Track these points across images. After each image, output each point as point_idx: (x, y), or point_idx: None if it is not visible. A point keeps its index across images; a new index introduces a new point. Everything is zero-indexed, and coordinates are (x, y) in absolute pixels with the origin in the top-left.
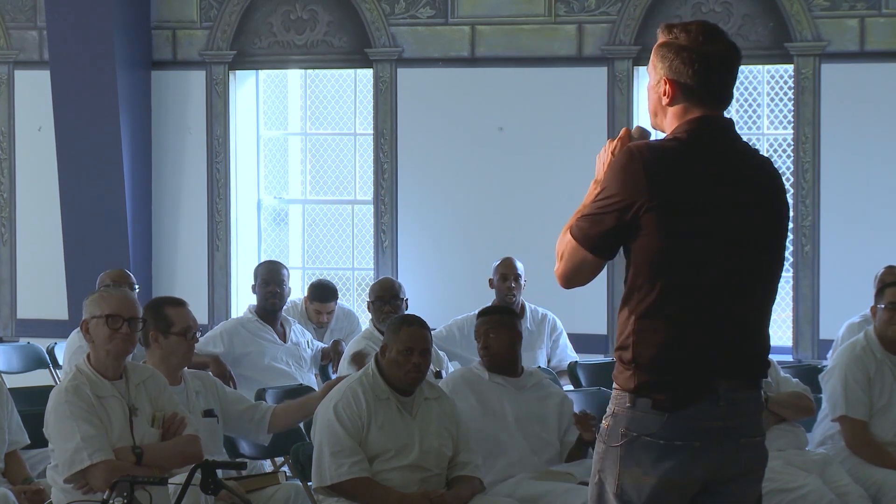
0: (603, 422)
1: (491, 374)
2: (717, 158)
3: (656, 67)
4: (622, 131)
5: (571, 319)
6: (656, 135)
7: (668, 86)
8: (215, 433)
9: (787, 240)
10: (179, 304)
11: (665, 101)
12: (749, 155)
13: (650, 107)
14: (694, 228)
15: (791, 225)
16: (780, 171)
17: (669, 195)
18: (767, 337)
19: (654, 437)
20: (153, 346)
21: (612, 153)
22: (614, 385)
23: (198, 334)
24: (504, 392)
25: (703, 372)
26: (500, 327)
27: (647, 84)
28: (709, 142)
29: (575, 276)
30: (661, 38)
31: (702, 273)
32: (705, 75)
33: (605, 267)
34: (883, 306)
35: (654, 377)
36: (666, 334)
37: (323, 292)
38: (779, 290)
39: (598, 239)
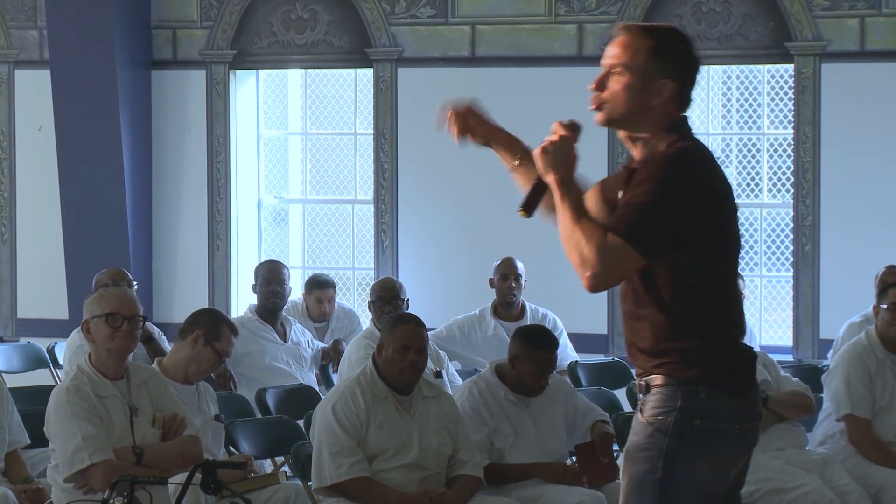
0: (661, 416)
1: (507, 390)
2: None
3: (647, 67)
4: (559, 127)
5: (571, 319)
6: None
7: (668, 87)
8: (219, 436)
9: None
10: (235, 332)
11: (658, 101)
12: None
13: (628, 105)
14: (726, 217)
15: (791, 224)
16: (781, 171)
17: (712, 188)
18: None
19: (729, 424)
20: (187, 344)
21: (552, 143)
22: (668, 380)
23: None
24: (518, 412)
25: (752, 354)
26: (537, 364)
27: (623, 83)
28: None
29: (614, 277)
30: (649, 40)
31: (731, 260)
32: (694, 80)
33: None
34: (885, 307)
35: (727, 366)
36: (724, 323)
37: (319, 279)
38: (779, 289)
39: (651, 237)
